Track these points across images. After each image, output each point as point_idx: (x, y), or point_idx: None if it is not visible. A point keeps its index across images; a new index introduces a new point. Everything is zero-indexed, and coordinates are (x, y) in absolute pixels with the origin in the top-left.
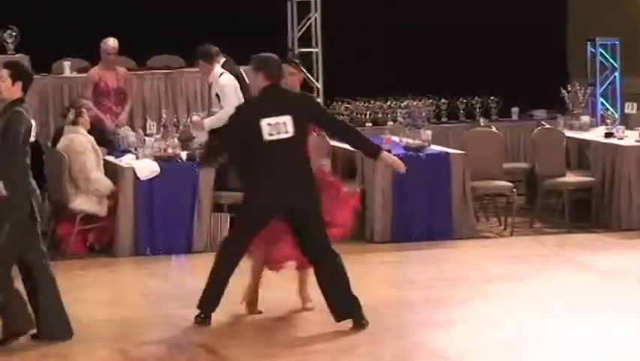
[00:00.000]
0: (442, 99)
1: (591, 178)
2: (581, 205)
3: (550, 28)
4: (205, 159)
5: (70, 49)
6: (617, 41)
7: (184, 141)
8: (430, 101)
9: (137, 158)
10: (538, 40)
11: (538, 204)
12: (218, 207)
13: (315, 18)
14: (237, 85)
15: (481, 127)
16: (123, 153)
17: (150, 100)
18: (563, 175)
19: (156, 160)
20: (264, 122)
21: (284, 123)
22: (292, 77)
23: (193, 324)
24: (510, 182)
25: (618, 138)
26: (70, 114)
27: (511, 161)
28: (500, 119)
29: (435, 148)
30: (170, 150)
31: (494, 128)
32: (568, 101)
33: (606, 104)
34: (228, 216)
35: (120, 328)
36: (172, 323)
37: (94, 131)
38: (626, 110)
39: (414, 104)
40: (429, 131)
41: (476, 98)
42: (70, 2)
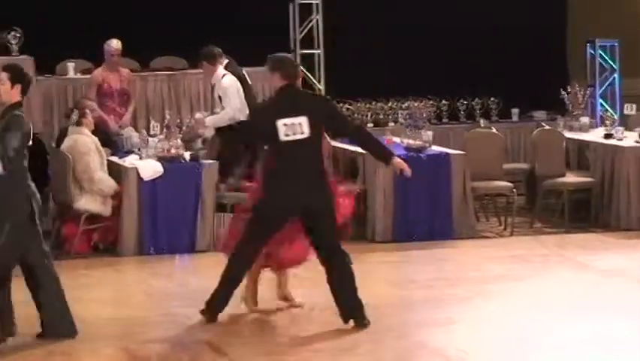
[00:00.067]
0: (443, 100)
1: (591, 179)
2: (581, 205)
3: (550, 30)
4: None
5: (74, 50)
6: (617, 43)
7: (187, 141)
8: (430, 102)
9: (140, 158)
10: (539, 42)
11: (538, 204)
12: (221, 207)
13: (317, 20)
14: (240, 86)
15: (482, 128)
16: (127, 153)
17: (153, 101)
18: (563, 176)
19: (159, 160)
20: (280, 122)
21: (300, 124)
22: None
23: (199, 318)
24: (510, 182)
25: (617, 139)
26: (74, 115)
27: (511, 161)
28: (500, 120)
29: (436, 149)
30: (173, 151)
31: (494, 129)
32: (568, 102)
33: (605, 105)
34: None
35: (124, 327)
36: (175, 321)
37: (98, 132)
38: (625, 112)
39: (415, 105)
40: (430, 132)
41: (477, 99)
42: (74, 4)
